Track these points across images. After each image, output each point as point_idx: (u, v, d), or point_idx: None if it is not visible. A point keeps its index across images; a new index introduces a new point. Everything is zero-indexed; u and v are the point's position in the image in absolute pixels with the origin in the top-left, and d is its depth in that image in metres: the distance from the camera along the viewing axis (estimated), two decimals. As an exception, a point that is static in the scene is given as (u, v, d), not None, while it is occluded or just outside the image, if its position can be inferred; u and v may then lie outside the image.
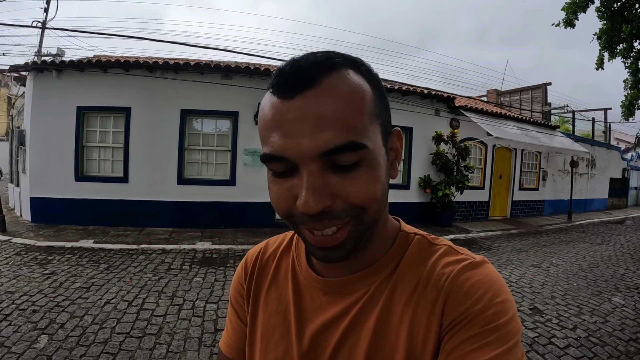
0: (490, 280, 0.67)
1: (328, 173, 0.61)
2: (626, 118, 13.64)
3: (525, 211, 16.06)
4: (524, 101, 20.77)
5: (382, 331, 0.70)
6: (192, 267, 6.49)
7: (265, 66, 10.00)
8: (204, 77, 9.25)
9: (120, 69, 8.69)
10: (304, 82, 0.60)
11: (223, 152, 9.70)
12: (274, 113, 0.61)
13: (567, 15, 11.98)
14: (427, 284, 0.69)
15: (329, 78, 0.60)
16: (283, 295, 0.84)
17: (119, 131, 8.98)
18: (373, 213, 0.65)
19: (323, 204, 0.59)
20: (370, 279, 0.74)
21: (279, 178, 0.64)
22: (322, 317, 0.76)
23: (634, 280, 7.47)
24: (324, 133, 0.58)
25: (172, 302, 4.97)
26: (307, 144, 0.58)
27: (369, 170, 0.62)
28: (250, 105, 9.59)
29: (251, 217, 9.68)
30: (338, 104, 0.59)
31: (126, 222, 8.83)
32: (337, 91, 0.60)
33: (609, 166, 21.38)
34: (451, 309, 0.65)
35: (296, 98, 0.59)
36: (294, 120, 0.59)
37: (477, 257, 0.71)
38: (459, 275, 0.67)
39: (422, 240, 0.77)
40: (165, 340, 4.02)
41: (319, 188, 0.59)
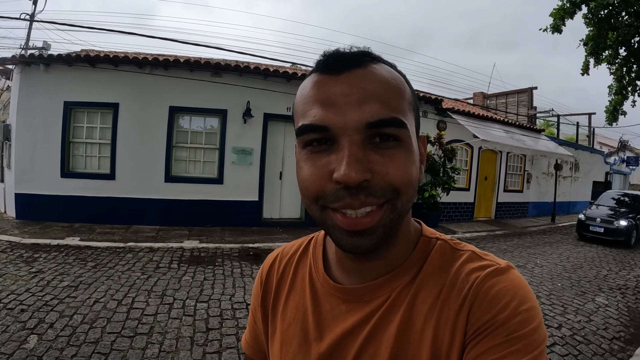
0: (516, 287, 0.65)
1: (368, 149, 0.61)
2: (610, 123, 13.85)
3: (509, 213, 16.31)
4: (510, 104, 21.04)
5: (404, 340, 0.68)
6: (181, 265, 6.45)
7: (255, 64, 9.99)
8: (193, 74, 9.20)
9: (109, 64, 8.60)
10: (352, 62, 0.63)
11: (211, 150, 9.66)
12: (318, 87, 0.64)
13: (555, 21, 12.14)
14: (451, 291, 0.68)
15: (373, 64, 0.64)
16: (301, 303, 0.83)
17: (106, 127, 8.87)
18: (406, 200, 0.64)
19: (364, 175, 0.59)
20: (391, 285, 0.72)
21: (314, 154, 0.64)
22: (341, 325, 0.74)
23: (616, 281, 7.70)
24: (370, 105, 0.60)
25: (162, 301, 4.93)
26: (353, 114, 0.60)
27: (407, 152, 0.64)
28: (239, 103, 9.58)
29: (239, 215, 9.66)
30: (382, 85, 0.62)
31: (113, 220, 8.72)
32: (381, 75, 0.63)
33: (592, 170, 21.80)
34: (476, 317, 0.63)
35: (344, 74, 0.62)
36: (340, 93, 0.61)
37: (502, 263, 0.69)
38: (483, 283, 0.65)
39: (445, 245, 0.76)
40: (157, 339, 3.98)
41: (360, 159, 0.60)
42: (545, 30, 12.36)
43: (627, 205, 13.38)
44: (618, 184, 26.10)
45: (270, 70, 9.72)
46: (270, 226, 10.07)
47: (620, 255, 10.55)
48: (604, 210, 12.97)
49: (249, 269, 6.56)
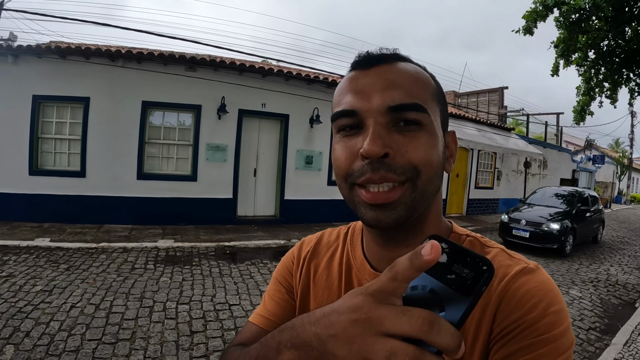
0: (546, 287, 0.66)
1: (392, 130, 0.67)
2: (577, 123, 14.28)
3: (480, 209, 16.79)
4: (481, 103, 21.47)
5: None
6: (157, 266, 6.35)
7: (230, 59, 9.91)
8: (167, 68, 9.03)
9: (81, 56, 8.30)
10: (380, 59, 0.72)
11: (184, 147, 9.53)
12: (350, 81, 0.72)
13: (527, 23, 12.42)
14: None
15: (401, 62, 0.72)
16: (335, 285, 0.87)
17: (76, 122, 8.57)
18: (426, 180, 0.68)
19: (384, 149, 0.64)
20: None
21: (345, 137, 0.71)
22: None
23: (588, 275, 8.16)
24: (393, 91, 0.67)
25: (141, 304, 4.84)
26: (377, 99, 0.67)
27: (429, 136, 0.68)
28: (214, 98, 9.48)
29: (213, 213, 9.58)
30: (407, 78, 0.70)
31: (84, 219, 8.48)
32: (407, 71, 0.71)
33: (560, 167, 22.50)
34: (503, 316, 0.64)
35: (372, 69, 0.71)
36: (367, 83, 0.69)
37: (531, 263, 0.71)
38: (512, 281, 0.67)
39: (474, 242, 0.78)
40: (141, 345, 3.90)
41: (382, 135, 0.65)
42: (518, 32, 12.65)
43: (565, 204, 11.15)
44: (584, 181, 27.07)
45: (246, 66, 9.67)
46: (245, 224, 10.03)
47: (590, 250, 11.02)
48: (534, 210, 10.96)
49: (227, 269, 6.52)
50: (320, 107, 10.94)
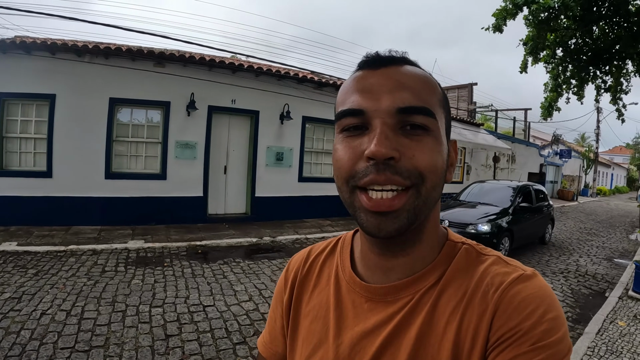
0: (542, 294, 0.66)
1: (399, 133, 0.67)
2: (545, 118, 14.81)
3: None
4: (451, 99, 21.98)
5: (425, 342, 0.70)
6: (128, 268, 6.36)
7: (200, 55, 9.95)
8: (135, 64, 9.02)
9: (46, 51, 8.17)
10: (389, 60, 0.72)
11: (153, 144, 9.55)
12: (357, 80, 0.72)
13: (497, 21, 12.76)
14: (475, 295, 0.70)
15: (409, 65, 0.73)
16: (324, 301, 0.86)
17: (42, 121, 8.46)
18: (430, 187, 0.68)
19: (391, 152, 0.64)
20: (415, 287, 0.75)
21: (349, 137, 0.70)
22: (362, 324, 0.77)
23: (558, 266, 8.67)
24: (402, 93, 0.67)
25: (113, 308, 4.83)
26: (386, 100, 0.67)
27: (435, 142, 0.69)
28: (183, 95, 9.51)
29: (183, 212, 9.66)
30: (415, 81, 0.70)
31: (51, 221, 8.41)
32: (414, 73, 0.72)
33: (528, 162, 23.48)
34: (500, 323, 0.65)
35: (381, 69, 0.71)
36: (375, 82, 0.69)
37: (528, 269, 0.71)
38: (509, 288, 0.67)
39: (470, 250, 0.78)
40: (115, 352, 3.89)
41: (390, 137, 0.66)
42: (487, 30, 12.97)
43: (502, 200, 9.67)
44: (552, 175, 28.12)
45: (216, 61, 9.70)
46: (216, 222, 10.15)
47: (559, 241, 11.52)
48: (464, 209, 9.63)
49: (200, 269, 6.59)
50: (290, 103, 11.13)
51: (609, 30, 14.67)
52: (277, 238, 9.23)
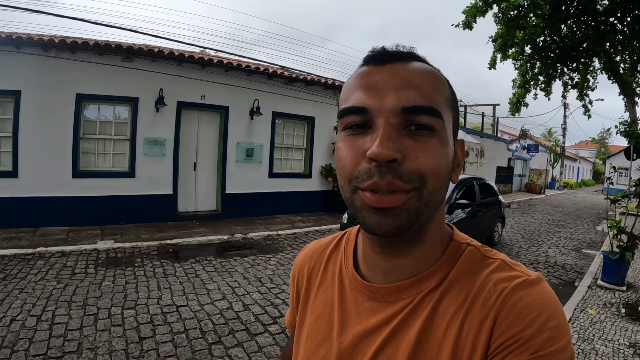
0: (545, 301, 0.66)
1: (403, 134, 0.66)
2: (513, 114, 15.32)
3: None
4: None
5: (424, 345, 0.71)
6: (98, 269, 6.33)
7: (169, 49, 9.93)
8: (103, 58, 8.95)
9: (11, 46, 8.01)
10: (395, 55, 0.71)
11: (121, 142, 9.50)
12: (361, 76, 0.71)
13: (467, 18, 13.10)
14: (477, 300, 0.70)
15: (416, 61, 0.72)
16: (329, 298, 0.87)
17: (6, 118, 8.29)
18: (432, 189, 0.67)
19: (394, 154, 0.63)
20: (416, 288, 0.75)
21: (351, 136, 0.70)
22: (363, 323, 0.78)
23: (527, 257, 9.10)
24: (408, 91, 0.66)
25: (85, 312, 4.81)
26: (391, 98, 0.66)
27: (440, 143, 0.68)
28: (152, 90, 9.51)
29: (153, 210, 9.70)
30: (422, 78, 0.69)
31: (18, 223, 8.29)
32: (422, 70, 0.70)
33: (497, 156, 24.25)
34: (500, 330, 0.64)
35: (387, 65, 0.70)
36: (380, 80, 0.68)
37: (532, 275, 0.71)
38: (511, 295, 0.67)
39: (475, 252, 0.78)
40: (89, 357, 3.88)
41: (393, 139, 0.65)
42: (457, 26, 13.28)
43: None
44: (520, 169, 28.83)
45: (185, 56, 9.74)
46: (187, 220, 10.22)
47: (528, 233, 12.03)
48: None
49: (172, 268, 6.62)
50: (260, 99, 11.24)
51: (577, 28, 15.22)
52: (248, 235, 9.32)
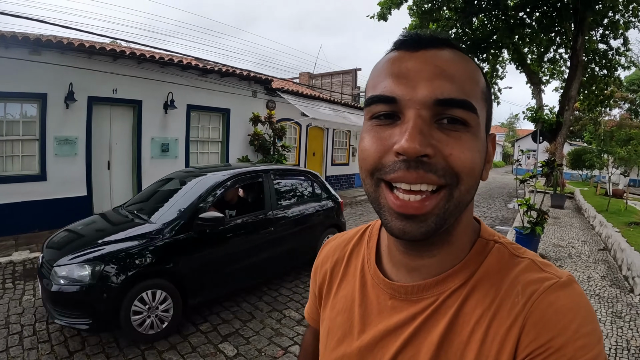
0: (577, 306, 0.65)
1: (434, 127, 0.66)
2: (425, 102, 16.63)
3: (338, 184, 19.04)
4: (335, 84, 23.89)
5: (447, 348, 0.71)
6: (16, 283, 6.24)
7: (79, 41, 9.88)
8: (8, 52, 8.67)
9: None
10: (430, 41, 0.70)
11: (30, 142, 9.29)
12: (392, 62, 0.71)
13: (382, 10, 14.08)
14: (504, 304, 0.69)
15: (452, 49, 0.71)
16: (350, 294, 0.90)
17: None
18: (465, 190, 0.67)
19: (425, 149, 0.63)
20: (440, 288, 0.75)
21: (378, 127, 0.69)
22: (385, 322, 0.80)
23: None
24: (442, 82, 0.66)
25: (8, 331, 4.72)
26: (424, 88, 0.65)
27: (474, 139, 0.68)
28: (62, 85, 9.40)
29: (68, 214, 9.19)
30: (457, 68, 0.68)
31: None
32: (457, 59, 0.70)
33: None
34: (530, 338, 0.64)
35: (420, 51, 0.69)
36: (412, 68, 0.67)
37: (563, 276, 0.70)
38: (541, 299, 0.66)
39: (503, 250, 0.77)
40: None
41: (425, 133, 0.64)
42: (373, 18, 14.24)
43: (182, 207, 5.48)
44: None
45: (96, 48, 9.68)
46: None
47: None
48: (92, 229, 5.51)
49: None
50: (174, 92, 11.47)
51: (488, 22, 16.85)
52: None
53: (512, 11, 15.85)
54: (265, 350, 4.68)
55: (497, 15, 16.40)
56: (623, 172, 18.67)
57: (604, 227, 11.25)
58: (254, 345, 4.78)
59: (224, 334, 5.00)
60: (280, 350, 4.69)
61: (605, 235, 10.67)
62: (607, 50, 20.72)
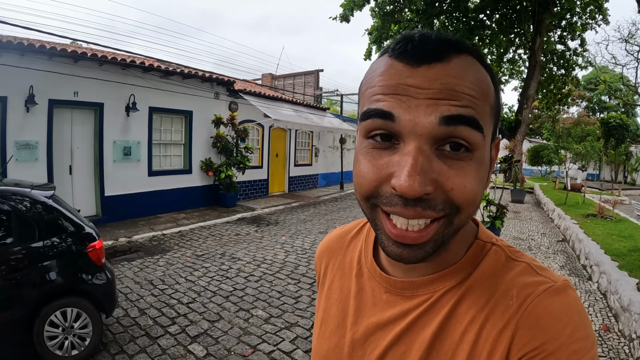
0: (572, 311, 0.66)
1: (434, 157, 0.63)
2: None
3: (301, 185, 19.51)
4: (297, 85, 24.22)
5: (438, 347, 0.72)
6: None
7: (40, 42, 9.85)
8: (-35, 55, 8.69)
9: None
10: (434, 54, 0.64)
11: (-11, 148, 9.22)
12: (390, 74, 0.65)
13: (345, 12, 14.39)
14: (498, 306, 0.70)
15: (458, 58, 0.65)
16: (346, 285, 0.91)
17: None
18: (465, 217, 0.67)
19: (425, 189, 0.61)
20: (434, 286, 0.77)
21: (374, 150, 0.67)
22: (378, 315, 0.81)
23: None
24: (447, 102, 0.62)
25: None
26: (426, 109, 0.61)
27: (477, 167, 0.66)
28: (21, 88, 9.30)
29: None
30: (469, 84, 0.64)
31: None
32: (466, 72, 0.65)
33: None
34: (522, 342, 0.65)
35: (422, 67, 0.64)
36: (413, 85, 0.63)
37: (559, 280, 0.70)
38: (536, 302, 0.67)
39: (499, 253, 0.78)
40: None
41: (425, 169, 0.61)
42: (335, 19, 14.55)
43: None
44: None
45: (57, 50, 9.60)
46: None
47: None
48: None
49: None
50: (136, 94, 11.48)
51: (449, 23, 17.45)
52: (133, 238, 9.67)
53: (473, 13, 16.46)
54: (235, 350, 4.86)
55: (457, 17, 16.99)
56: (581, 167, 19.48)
57: (562, 220, 11.88)
58: (223, 345, 4.96)
59: (192, 335, 5.16)
60: (250, 349, 4.86)
61: (564, 227, 11.29)
62: (564, 50, 21.48)
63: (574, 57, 21.59)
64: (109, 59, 10.67)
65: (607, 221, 11.07)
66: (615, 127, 27.66)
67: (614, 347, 5.02)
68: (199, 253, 8.81)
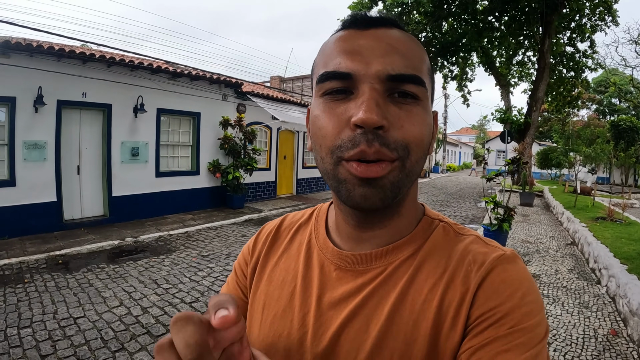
0: (522, 277, 0.71)
1: (387, 101, 0.69)
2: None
3: (309, 187, 19.43)
4: (306, 88, 24.21)
5: (399, 319, 0.73)
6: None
7: (49, 43, 9.94)
8: (-24, 56, 8.76)
9: None
10: (379, 21, 0.75)
11: (-1, 147, 9.34)
12: (343, 39, 0.74)
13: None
14: (457, 273, 0.73)
15: (399, 29, 0.76)
16: (292, 267, 0.90)
17: None
18: (414, 160, 0.72)
19: (382, 120, 0.66)
20: (387, 258, 0.78)
21: (332, 102, 0.72)
22: (329, 294, 0.81)
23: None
24: (394, 58, 0.70)
25: None
26: (377, 64, 0.69)
27: (423, 113, 0.73)
28: (30, 89, 9.35)
29: (37, 220, 9.61)
30: (406, 46, 0.73)
31: None
32: (405, 38, 0.74)
33: None
34: (480, 303, 0.69)
35: (370, 30, 0.73)
36: (365, 44, 0.71)
37: (507, 250, 0.75)
38: (492, 268, 0.71)
39: (448, 228, 0.83)
40: None
41: (380, 104, 0.67)
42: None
43: None
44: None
45: (66, 51, 9.65)
46: (74, 228, 10.26)
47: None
48: None
49: (64, 280, 6.73)
50: (144, 95, 11.55)
51: (457, 25, 17.39)
52: (139, 238, 9.67)
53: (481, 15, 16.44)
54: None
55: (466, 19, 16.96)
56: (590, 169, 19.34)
57: (571, 223, 11.76)
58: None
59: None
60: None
61: (573, 230, 11.19)
62: (574, 52, 21.43)
63: (583, 59, 21.56)
64: (117, 61, 10.73)
65: (617, 224, 10.97)
66: (625, 130, 27.45)
67: (622, 352, 4.88)
68: (205, 253, 8.83)
